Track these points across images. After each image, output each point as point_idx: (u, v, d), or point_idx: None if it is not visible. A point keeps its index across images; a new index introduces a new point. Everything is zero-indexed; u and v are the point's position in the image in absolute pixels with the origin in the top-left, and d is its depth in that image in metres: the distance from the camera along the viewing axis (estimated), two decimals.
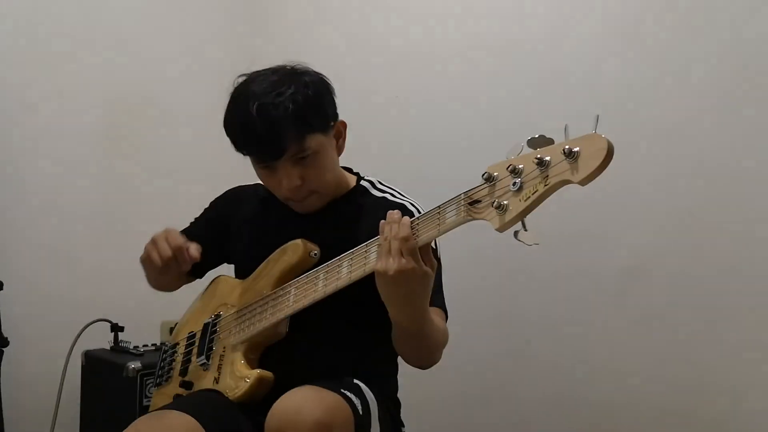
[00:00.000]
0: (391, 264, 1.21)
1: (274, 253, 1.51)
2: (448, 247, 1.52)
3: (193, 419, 1.29)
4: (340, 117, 1.55)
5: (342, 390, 1.30)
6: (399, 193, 1.58)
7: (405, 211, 1.47)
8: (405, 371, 1.54)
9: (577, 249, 2.05)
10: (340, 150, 1.55)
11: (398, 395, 1.59)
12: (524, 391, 2.17)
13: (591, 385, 2.04)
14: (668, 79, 1.92)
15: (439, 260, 1.47)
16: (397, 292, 1.24)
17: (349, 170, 1.64)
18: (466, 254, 1.96)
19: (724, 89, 1.83)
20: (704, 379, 1.85)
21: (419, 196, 1.53)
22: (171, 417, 1.30)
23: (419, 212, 1.49)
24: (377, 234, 1.32)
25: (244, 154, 1.49)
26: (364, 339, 1.49)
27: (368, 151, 2.51)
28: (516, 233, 1.05)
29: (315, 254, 1.46)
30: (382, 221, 1.27)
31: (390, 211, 1.27)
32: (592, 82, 2.04)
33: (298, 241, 1.48)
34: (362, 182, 1.60)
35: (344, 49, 2.63)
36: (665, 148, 1.90)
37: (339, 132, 1.54)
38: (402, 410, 1.58)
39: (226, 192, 1.73)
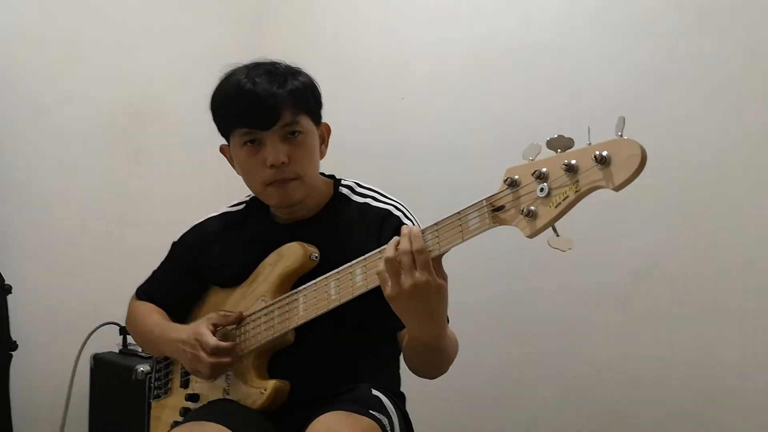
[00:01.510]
0: (404, 282, 1.15)
1: (268, 257, 1.46)
2: (456, 249, 1.50)
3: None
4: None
5: (371, 411, 1.29)
6: (381, 194, 1.52)
7: (390, 216, 1.45)
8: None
9: (585, 251, 2.04)
10: (322, 154, 1.51)
11: (406, 394, 1.58)
12: (532, 394, 2.16)
13: (599, 387, 2.04)
14: (677, 80, 1.90)
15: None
16: (414, 309, 1.19)
17: (323, 174, 1.58)
18: (473, 256, 1.95)
19: (734, 89, 1.82)
20: (714, 381, 1.84)
21: (424, 198, 1.50)
22: (208, 429, 1.29)
23: (405, 214, 1.47)
24: (367, 242, 1.31)
25: (230, 128, 1.44)
26: (372, 340, 1.47)
27: (372, 153, 2.51)
28: (549, 240, 1.04)
29: (315, 257, 1.41)
30: (393, 239, 1.20)
31: (403, 227, 1.21)
32: (599, 83, 2.03)
33: (295, 243, 1.43)
34: (341, 189, 1.54)
35: (350, 53, 2.63)
36: (674, 149, 1.88)
37: (323, 135, 1.51)
38: (410, 414, 1.57)
39: (186, 236, 1.64)
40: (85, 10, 2.50)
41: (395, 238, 1.20)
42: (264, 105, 1.38)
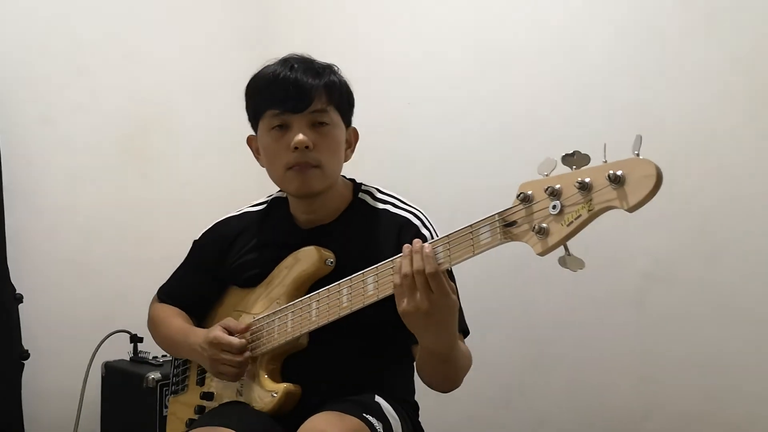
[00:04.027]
0: (421, 301, 1.17)
1: (285, 259, 1.48)
2: None
3: None
4: (353, 124, 1.55)
5: (364, 414, 1.29)
6: (400, 201, 1.53)
7: (408, 224, 1.46)
8: None
9: (595, 253, 2.03)
10: (347, 157, 1.53)
11: (416, 398, 1.58)
12: (542, 397, 2.16)
13: (610, 390, 2.03)
14: (686, 83, 1.89)
15: (451, 274, 1.44)
16: (426, 325, 1.21)
17: (344, 177, 1.59)
18: (484, 258, 1.94)
19: (742, 90, 1.81)
20: (725, 383, 1.83)
21: (432, 205, 1.50)
22: None
23: (423, 223, 1.47)
24: (384, 250, 1.32)
25: (261, 111, 1.46)
26: (384, 348, 1.47)
27: (380, 158, 2.50)
28: (560, 259, 1.03)
29: (330, 262, 1.43)
30: (405, 249, 1.21)
31: (406, 246, 1.21)
32: (607, 86, 2.02)
33: (312, 247, 1.45)
34: (360, 194, 1.55)
35: (356, 60, 2.61)
36: (683, 151, 1.87)
37: (350, 140, 1.54)
38: (420, 416, 1.57)
39: (206, 235, 1.66)
40: (92, 21, 2.50)
41: (406, 250, 1.20)
42: (298, 89, 1.41)
